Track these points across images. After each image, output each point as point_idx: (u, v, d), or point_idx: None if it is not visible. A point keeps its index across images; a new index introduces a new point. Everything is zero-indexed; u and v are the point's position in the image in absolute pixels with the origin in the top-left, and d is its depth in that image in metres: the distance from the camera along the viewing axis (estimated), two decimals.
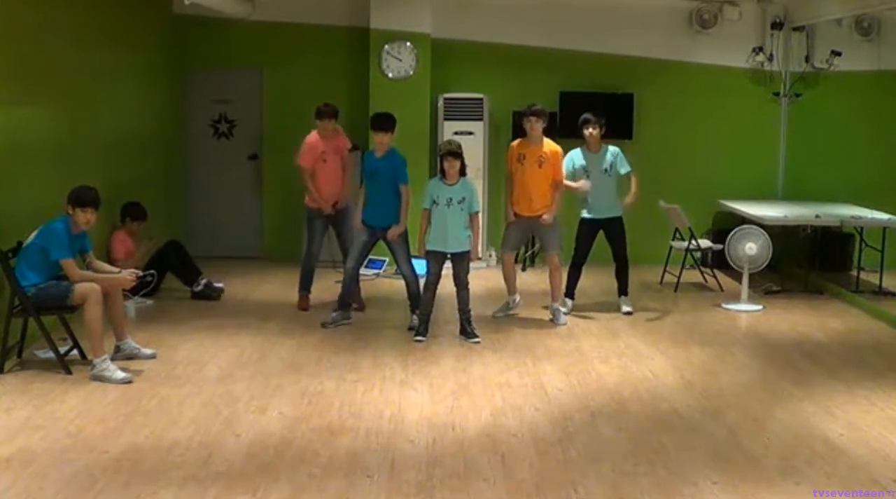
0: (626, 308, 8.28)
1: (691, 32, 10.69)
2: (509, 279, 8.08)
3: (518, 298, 8.15)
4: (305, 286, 8.32)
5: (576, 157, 8.19)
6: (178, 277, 8.71)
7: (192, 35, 10.48)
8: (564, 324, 7.78)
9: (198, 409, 5.54)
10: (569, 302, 8.26)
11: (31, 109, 7.06)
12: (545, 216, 7.78)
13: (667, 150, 10.64)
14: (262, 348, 6.94)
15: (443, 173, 7.29)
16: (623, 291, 8.40)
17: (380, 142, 7.57)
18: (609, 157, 8.18)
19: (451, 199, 7.22)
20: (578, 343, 7.28)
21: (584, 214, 8.25)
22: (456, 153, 7.21)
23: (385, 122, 7.58)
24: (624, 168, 8.21)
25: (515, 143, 8.00)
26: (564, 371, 6.48)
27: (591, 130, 8.14)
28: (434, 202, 7.26)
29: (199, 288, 8.61)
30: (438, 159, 7.43)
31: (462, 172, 7.27)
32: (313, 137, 8.17)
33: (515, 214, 7.90)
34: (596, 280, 8.97)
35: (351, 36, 10.60)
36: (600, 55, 10.66)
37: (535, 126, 7.74)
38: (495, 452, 4.94)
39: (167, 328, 7.48)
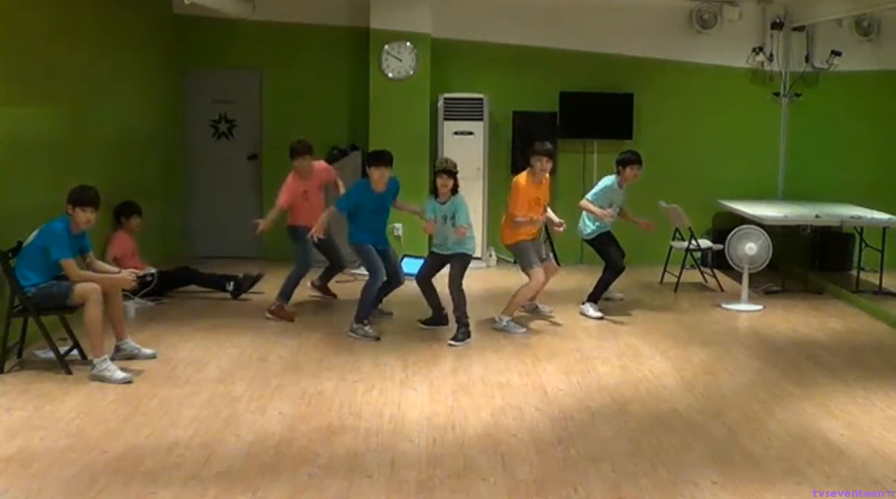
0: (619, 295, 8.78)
1: (691, 32, 10.69)
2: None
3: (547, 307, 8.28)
4: (287, 294, 7.99)
5: (612, 187, 8.32)
6: (208, 287, 8.72)
7: (192, 35, 10.48)
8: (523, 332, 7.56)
9: (198, 409, 5.55)
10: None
11: (31, 109, 7.06)
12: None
13: (667, 150, 10.64)
14: (262, 349, 6.94)
15: (435, 191, 7.39)
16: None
17: (380, 177, 7.48)
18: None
19: (445, 216, 7.34)
20: (578, 343, 7.29)
21: (600, 230, 8.37)
22: (450, 172, 7.30)
23: (389, 157, 7.52)
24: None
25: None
26: (564, 371, 6.49)
27: (636, 170, 8.30)
28: (433, 218, 7.39)
29: (231, 288, 8.64)
30: (433, 176, 7.45)
31: (454, 191, 7.34)
32: (291, 178, 8.11)
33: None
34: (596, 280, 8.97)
35: (351, 36, 10.60)
36: (600, 55, 10.66)
37: (546, 166, 7.69)
38: (495, 452, 4.94)
39: (167, 328, 7.48)
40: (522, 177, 7.74)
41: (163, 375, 6.23)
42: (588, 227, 8.40)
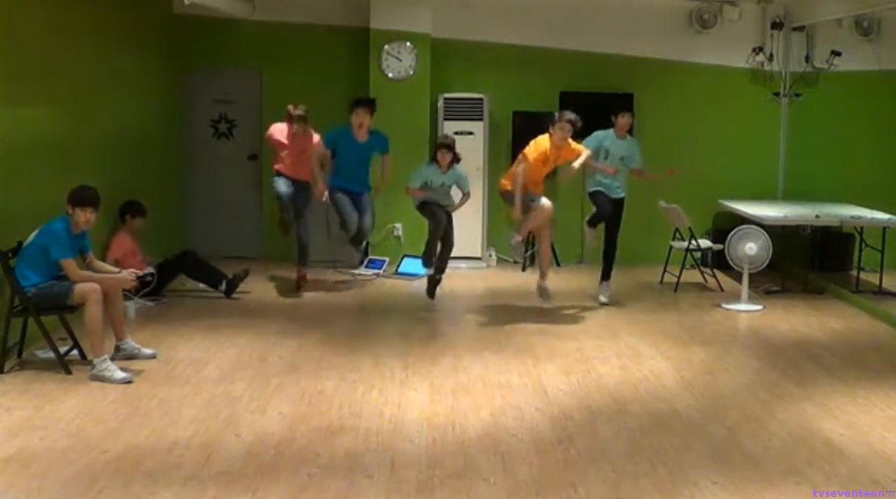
0: (603, 298, 8.66)
1: (691, 32, 10.70)
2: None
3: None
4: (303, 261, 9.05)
5: (603, 137, 8.66)
6: (202, 282, 8.75)
7: (192, 35, 10.47)
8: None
9: (198, 409, 5.55)
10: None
11: (31, 109, 7.06)
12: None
13: (667, 150, 10.61)
14: (262, 348, 6.94)
15: (435, 162, 8.34)
16: (606, 275, 8.75)
17: (359, 121, 8.53)
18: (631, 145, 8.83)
19: (443, 183, 8.37)
20: (579, 343, 7.28)
21: (592, 187, 8.73)
22: (450, 147, 8.34)
23: (368, 100, 8.69)
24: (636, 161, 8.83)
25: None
26: (564, 371, 6.48)
27: (625, 118, 8.71)
28: (427, 185, 8.34)
29: (224, 288, 8.65)
30: (434, 149, 8.46)
31: (450, 164, 8.35)
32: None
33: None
34: (596, 280, 8.96)
35: (351, 36, 10.60)
36: (600, 55, 10.66)
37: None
38: (495, 452, 4.94)
39: (167, 328, 7.48)
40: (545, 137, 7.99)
41: (163, 375, 6.23)
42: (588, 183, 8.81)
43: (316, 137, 8.87)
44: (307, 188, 8.88)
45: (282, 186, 8.88)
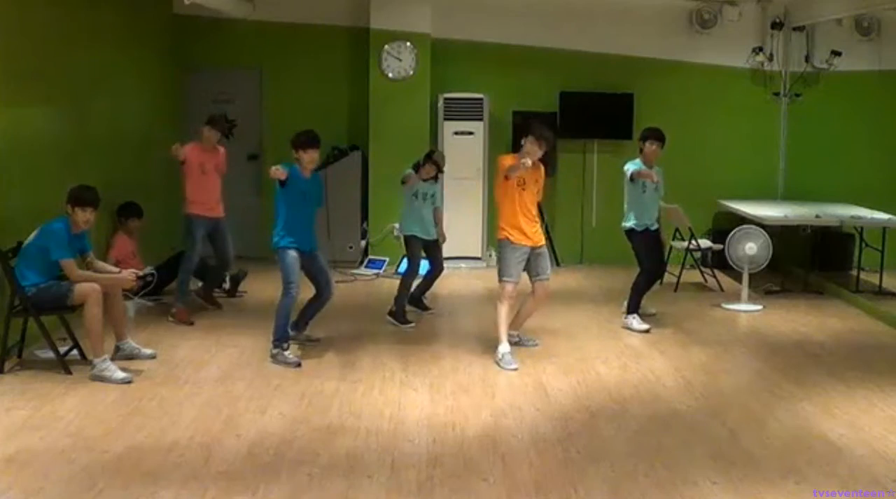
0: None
1: (691, 32, 10.69)
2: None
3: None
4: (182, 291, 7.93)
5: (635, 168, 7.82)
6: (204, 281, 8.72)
7: (192, 35, 10.47)
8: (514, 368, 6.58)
9: (198, 409, 5.55)
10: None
11: (31, 109, 7.06)
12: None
13: (667, 150, 10.52)
14: (262, 348, 6.93)
15: (416, 169, 7.95)
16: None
17: (311, 160, 6.89)
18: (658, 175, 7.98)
19: (427, 194, 7.99)
20: (578, 343, 7.28)
21: (636, 226, 7.83)
22: (438, 165, 7.97)
23: (315, 139, 6.93)
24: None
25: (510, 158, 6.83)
26: (564, 371, 6.49)
27: (654, 146, 7.85)
28: (414, 196, 7.92)
29: (228, 287, 8.67)
30: (425, 158, 7.94)
31: (435, 178, 8.03)
32: (191, 147, 8.09)
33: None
34: (597, 280, 8.97)
35: (351, 36, 10.60)
36: (600, 55, 10.66)
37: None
38: (495, 452, 4.94)
39: (167, 328, 7.48)
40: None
41: (163, 375, 6.23)
42: (626, 218, 7.92)
43: (221, 151, 8.24)
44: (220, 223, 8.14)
45: (200, 232, 7.92)
